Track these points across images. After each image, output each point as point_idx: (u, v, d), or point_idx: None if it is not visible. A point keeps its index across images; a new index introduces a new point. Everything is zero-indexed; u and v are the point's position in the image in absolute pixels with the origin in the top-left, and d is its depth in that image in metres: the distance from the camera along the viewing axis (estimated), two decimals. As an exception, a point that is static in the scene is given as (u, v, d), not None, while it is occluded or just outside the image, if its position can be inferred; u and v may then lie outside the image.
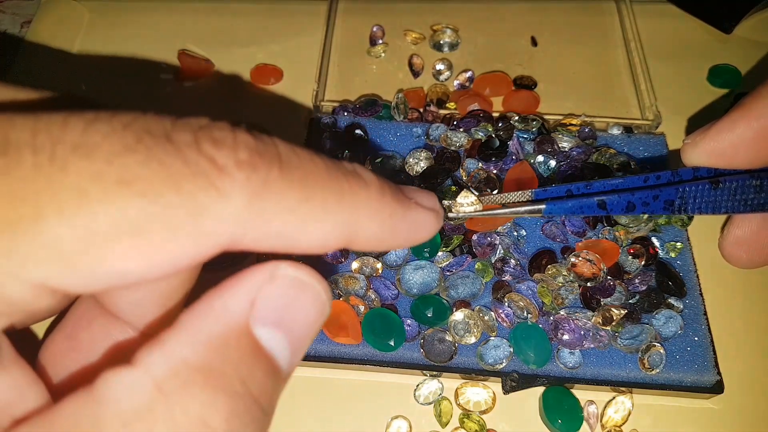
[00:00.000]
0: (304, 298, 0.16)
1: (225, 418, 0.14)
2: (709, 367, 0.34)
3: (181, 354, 0.14)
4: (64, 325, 0.20)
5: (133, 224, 0.13)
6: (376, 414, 0.34)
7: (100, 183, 0.13)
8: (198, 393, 0.13)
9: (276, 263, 0.15)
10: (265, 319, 0.15)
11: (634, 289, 0.35)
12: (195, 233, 0.14)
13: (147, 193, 0.13)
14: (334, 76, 0.48)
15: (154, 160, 0.13)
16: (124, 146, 0.13)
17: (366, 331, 0.34)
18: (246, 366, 0.14)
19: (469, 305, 0.35)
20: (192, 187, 0.14)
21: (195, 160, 0.14)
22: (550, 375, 0.34)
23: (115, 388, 0.13)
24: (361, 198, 0.17)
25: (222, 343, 0.14)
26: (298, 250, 0.16)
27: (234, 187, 0.14)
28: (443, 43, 0.50)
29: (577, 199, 0.27)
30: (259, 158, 0.15)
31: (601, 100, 0.47)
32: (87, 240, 0.13)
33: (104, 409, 0.13)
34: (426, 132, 0.41)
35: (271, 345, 0.15)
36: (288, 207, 0.15)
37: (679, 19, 0.51)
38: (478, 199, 0.27)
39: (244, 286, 0.15)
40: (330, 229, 0.16)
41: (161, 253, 0.14)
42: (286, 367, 0.16)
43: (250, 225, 0.15)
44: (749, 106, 0.25)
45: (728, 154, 0.26)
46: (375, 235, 0.17)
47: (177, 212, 0.14)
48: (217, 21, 0.51)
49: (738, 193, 0.27)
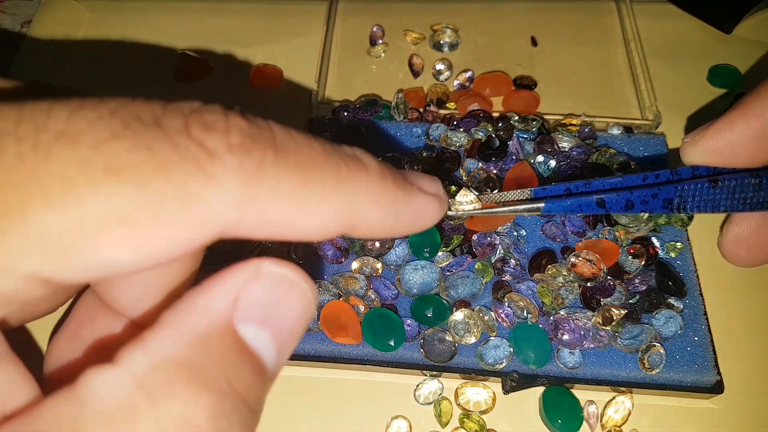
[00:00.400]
0: (290, 296, 0.15)
1: (209, 416, 0.13)
2: (709, 367, 0.34)
3: (163, 351, 0.13)
4: (67, 324, 0.20)
5: (121, 213, 0.13)
6: (376, 414, 0.34)
7: (86, 171, 0.13)
8: (181, 391, 0.13)
9: (260, 260, 0.15)
10: (249, 316, 0.15)
11: (634, 289, 0.35)
12: (185, 221, 0.14)
13: (135, 181, 0.13)
14: (334, 76, 0.48)
15: (142, 146, 0.13)
16: (110, 133, 0.13)
17: (366, 331, 0.34)
18: (231, 364, 0.14)
19: (469, 305, 0.35)
20: (181, 173, 0.13)
21: (185, 145, 0.14)
22: (550, 375, 0.34)
23: (97, 386, 0.13)
24: (361, 183, 0.16)
25: (205, 340, 0.14)
26: (296, 238, 0.16)
27: (225, 173, 0.14)
28: (443, 43, 0.50)
29: (576, 198, 0.27)
30: (253, 142, 0.14)
31: (601, 100, 0.47)
32: (75, 230, 0.13)
33: (85, 408, 0.13)
34: (426, 132, 0.41)
35: (256, 343, 0.15)
36: (284, 192, 0.15)
37: (679, 19, 0.51)
38: (477, 197, 0.27)
39: (227, 283, 0.15)
40: (329, 214, 0.16)
41: (151, 242, 0.14)
42: (272, 365, 0.15)
43: (245, 211, 0.14)
44: (748, 105, 0.25)
45: (727, 153, 0.26)
46: (377, 222, 0.17)
47: (166, 200, 0.13)
48: (217, 21, 0.51)
49: (737, 192, 0.27)
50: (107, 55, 0.50)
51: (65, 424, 0.13)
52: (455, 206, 0.27)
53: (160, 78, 0.48)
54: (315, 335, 0.35)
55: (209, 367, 0.14)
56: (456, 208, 0.27)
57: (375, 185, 0.17)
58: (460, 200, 0.27)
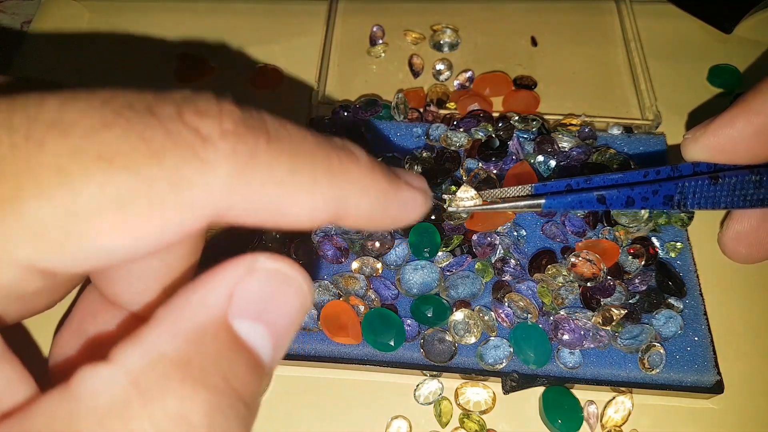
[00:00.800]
0: (285, 291, 0.15)
1: (205, 413, 0.13)
2: (709, 367, 0.33)
3: (158, 348, 0.13)
4: (70, 320, 0.20)
5: (115, 200, 0.13)
6: (376, 414, 0.34)
7: (79, 159, 0.13)
8: (176, 388, 0.13)
9: (254, 256, 0.15)
10: (244, 312, 0.15)
11: (634, 289, 0.35)
12: (179, 206, 0.14)
13: (128, 168, 0.13)
14: (334, 76, 0.48)
15: (134, 133, 0.13)
16: (102, 122, 0.13)
17: (366, 331, 0.34)
18: (226, 360, 0.14)
19: (469, 305, 0.35)
20: (175, 158, 0.13)
21: (178, 131, 0.14)
22: (550, 375, 0.34)
23: (91, 384, 0.13)
24: (352, 172, 0.16)
25: (200, 336, 0.14)
26: (286, 224, 0.16)
27: (218, 158, 0.14)
28: (443, 43, 0.50)
29: (576, 194, 0.27)
30: (246, 129, 0.14)
31: (601, 100, 0.47)
32: (69, 218, 0.13)
33: (80, 406, 0.13)
34: (426, 132, 0.41)
35: (252, 339, 0.15)
36: (276, 179, 0.15)
37: (679, 19, 0.51)
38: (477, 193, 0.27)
39: (222, 279, 0.15)
40: (320, 202, 0.16)
41: (146, 228, 0.14)
42: (269, 360, 0.15)
43: (237, 196, 0.14)
44: (749, 102, 0.25)
45: (728, 149, 0.26)
46: (366, 212, 0.17)
47: (160, 185, 0.13)
48: (217, 21, 0.51)
49: (737, 189, 0.27)
50: (107, 55, 0.50)
51: (59, 422, 0.13)
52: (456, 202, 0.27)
53: (160, 78, 0.48)
54: (315, 335, 0.35)
55: (205, 363, 0.14)
56: (457, 204, 0.27)
57: (365, 176, 0.17)
58: (461, 196, 0.27)
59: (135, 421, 0.13)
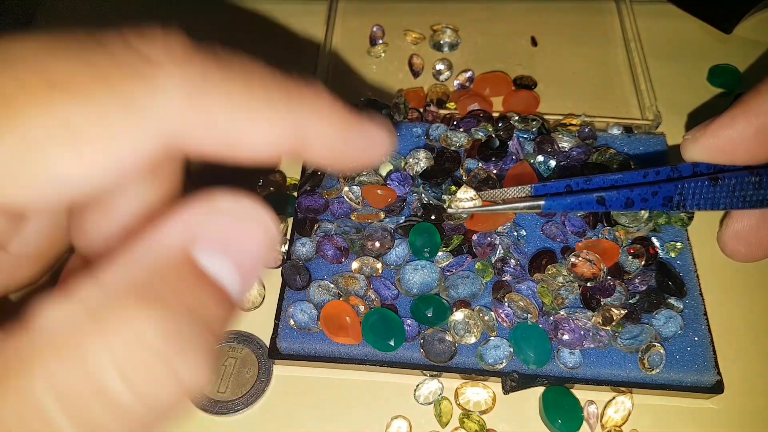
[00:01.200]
0: (249, 226, 0.15)
1: (160, 330, 0.13)
2: (709, 367, 0.33)
3: (115, 282, 0.13)
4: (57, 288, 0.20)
5: (67, 127, 0.13)
6: (376, 414, 0.34)
7: (28, 90, 0.13)
8: (131, 309, 0.13)
9: (214, 194, 0.15)
10: (208, 245, 0.14)
11: (634, 289, 0.35)
12: (132, 131, 0.14)
13: (77, 95, 0.13)
14: (334, 76, 0.48)
15: (82, 62, 0.13)
16: (50, 54, 0.13)
17: (366, 331, 0.34)
18: (188, 290, 0.14)
19: (469, 305, 0.35)
20: (125, 83, 0.13)
21: (125, 57, 0.14)
22: (550, 375, 0.34)
23: (48, 318, 0.13)
24: (311, 100, 0.16)
25: (159, 268, 0.14)
26: (246, 155, 0.15)
27: (169, 81, 0.14)
28: (443, 43, 0.50)
29: (576, 195, 0.27)
30: (195, 53, 0.14)
31: (601, 100, 0.47)
32: (23, 148, 0.13)
33: (35, 339, 0.13)
34: (426, 132, 0.41)
35: (217, 270, 0.15)
36: (230, 103, 0.15)
37: (679, 19, 0.51)
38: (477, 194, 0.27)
39: (182, 217, 0.15)
40: (279, 128, 0.15)
41: (100, 154, 0.13)
42: (236, 292, 0.15)
43: (192, 122, 0.14)
44: (749, 103, 0.25)
45: (728, 150, 0.26)
46: (328, 144, 0.17)
47: (110, 110, 0.13)
48: (217, 21, 0.51)
49: (737, 190, 0.27)
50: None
51: (16, 355, 0.13)
52: (456, 203, 0.27)
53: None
54: (315, 335, 0.35)
55: (163, 290, 0.13)
56: (456, 205, 0.27)
57: (325, 105, 0.17)
58: (461, 197, 0.27)
59: (91, 350, 0.12)
